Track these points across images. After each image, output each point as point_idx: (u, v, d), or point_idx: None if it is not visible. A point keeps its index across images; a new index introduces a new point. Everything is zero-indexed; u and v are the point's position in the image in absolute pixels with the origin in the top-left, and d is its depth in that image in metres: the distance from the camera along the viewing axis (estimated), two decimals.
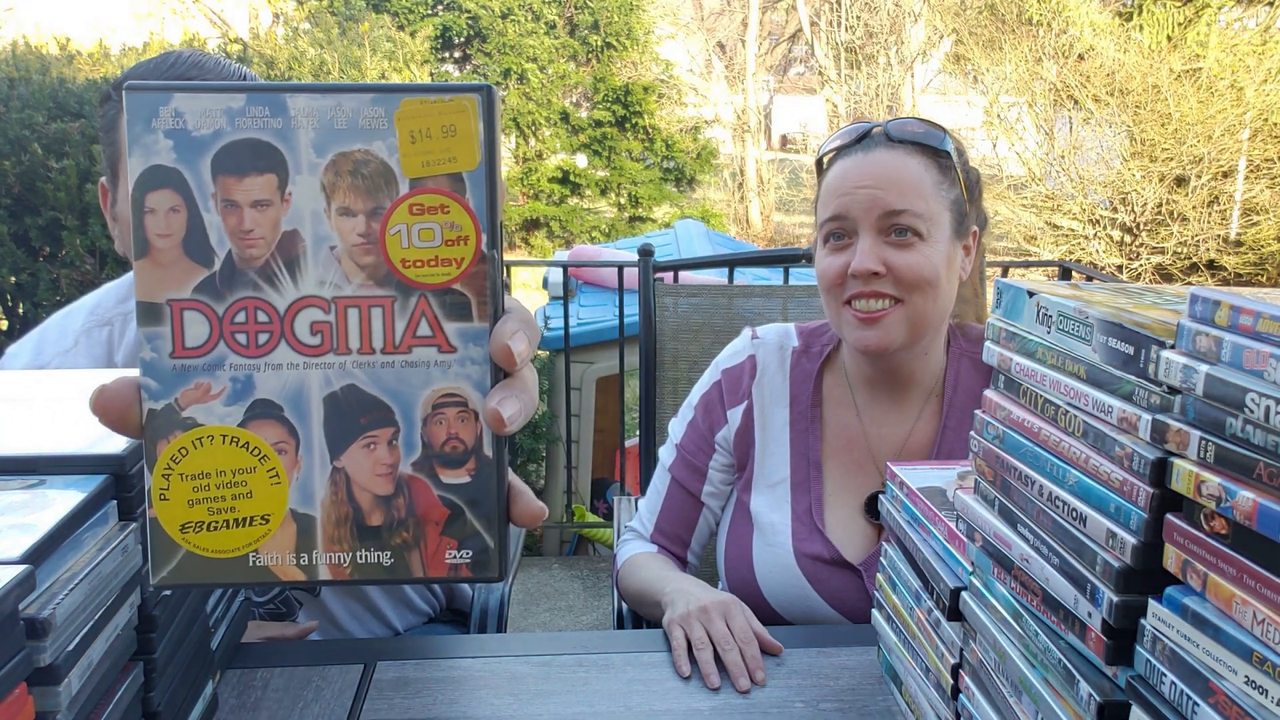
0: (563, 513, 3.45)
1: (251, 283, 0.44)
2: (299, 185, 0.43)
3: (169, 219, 0.43)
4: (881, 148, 1.04)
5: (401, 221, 0.44)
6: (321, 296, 0.44)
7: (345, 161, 0.43)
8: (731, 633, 0.88)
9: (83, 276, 2.58)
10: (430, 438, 0.45)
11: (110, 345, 1.10)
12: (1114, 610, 0.51)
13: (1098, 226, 6.73)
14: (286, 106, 0.43)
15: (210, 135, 0.43)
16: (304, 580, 0.45)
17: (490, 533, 0.45)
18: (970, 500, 0.68)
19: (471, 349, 0.44)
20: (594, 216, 9.45)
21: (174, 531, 0.44)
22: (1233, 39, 6.23)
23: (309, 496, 0.45)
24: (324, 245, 0.44)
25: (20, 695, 0.51)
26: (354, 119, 0.43)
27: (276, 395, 0.44)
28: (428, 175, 0.43)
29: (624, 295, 2.99)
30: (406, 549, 0.45)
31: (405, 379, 0.44)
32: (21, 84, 2.80)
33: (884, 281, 1.01)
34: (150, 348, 0.44)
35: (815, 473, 1.10)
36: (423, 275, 0.44)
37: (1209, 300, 0.47)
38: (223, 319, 0.44)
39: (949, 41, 9.45)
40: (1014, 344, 0.64)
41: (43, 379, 0.83)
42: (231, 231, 0.43)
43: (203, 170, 0.43)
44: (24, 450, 0.64)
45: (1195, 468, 0.46)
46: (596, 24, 9.44)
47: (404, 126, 0.43)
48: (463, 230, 0.44)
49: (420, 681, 0.85)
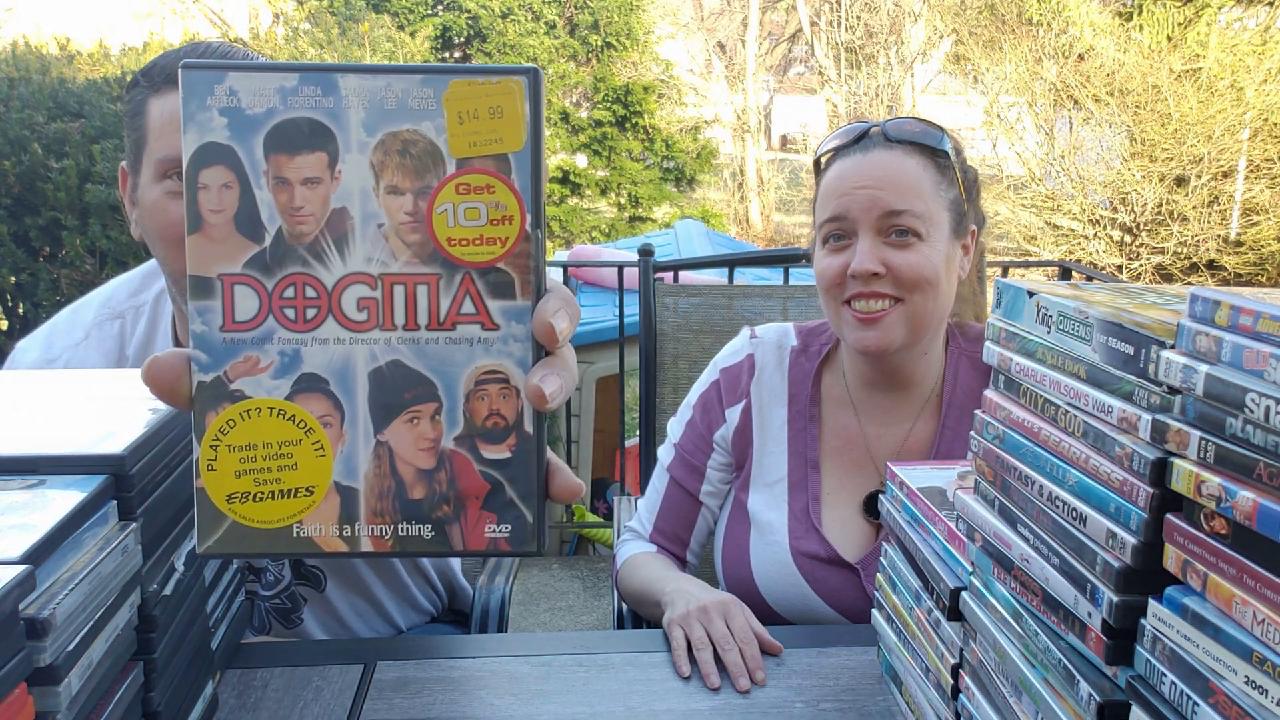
0: (563, 513, 3.45)
1: (301, 259, 0.45)
2: (349, 164, 0.44)
3: (222, 195, 0.44)
4: (880, 148, 1.03)
5: (448, 200, 0.44)
6: (369, 273, 0.45)
7: (394, 141, 0.44)
8: (731, 633, 0.88)
9: (83, 276, 2.58)
10: (472, 413, 0.45)
11: (122, 338, 1.08)
12: (1114, 610, 0.51)
13: (1098, 226, 6.73)
14: (338, 86, 0.44)
15: (264, 113, 0.44)
16: (346, 551, 0.46)
17: (529, 508, 0.46)
18: (970, 500, 0.68)
19: (514, 327, 0.45)
20: (594, 216, 9.46)
21: (220, 502, 0.45)
22: (1233, 39, 6.23)
23: (353, 469, 0.45)
24: (372, 223, 0.45)
25: (20, 695, 0.51)
26: (403, 99, 0.44)
27: (323, 369, 0.45)
28: (474, 155, 0.44)
29: (624, 295, 2.99)
30: (447, 522, 0.46)
31: (449, 355, 0.45)
32: (22, 84, 2.80)
33: (884, 282, 1.00)
34: (201, 321, 0.45)
35: (813, 472, 1.10)
36: (468, 253, 0.45)
37: (1209, 300, 0.47)
38: (272, 294, 0.45)
39: (949, 41, 9.45)
40: (1014, 344, 0.64)
41: (44, 379, 0.83)
42: (282, 208, 0.44)
43: (255, 148, 0.44)
44: (24, 450, 0.64)
45: (1195, 468, 0.46)
46: (596, 24, 9.45)
47: (452, 108, 0.44)
48: (508, 210, 0.45)
49: (420, 681, 0.85)
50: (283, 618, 1.13)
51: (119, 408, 0.72)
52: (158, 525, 0.69)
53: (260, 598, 1.11)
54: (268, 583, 1.11)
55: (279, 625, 1.13)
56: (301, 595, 1.12)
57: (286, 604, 1.12)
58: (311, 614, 1.13)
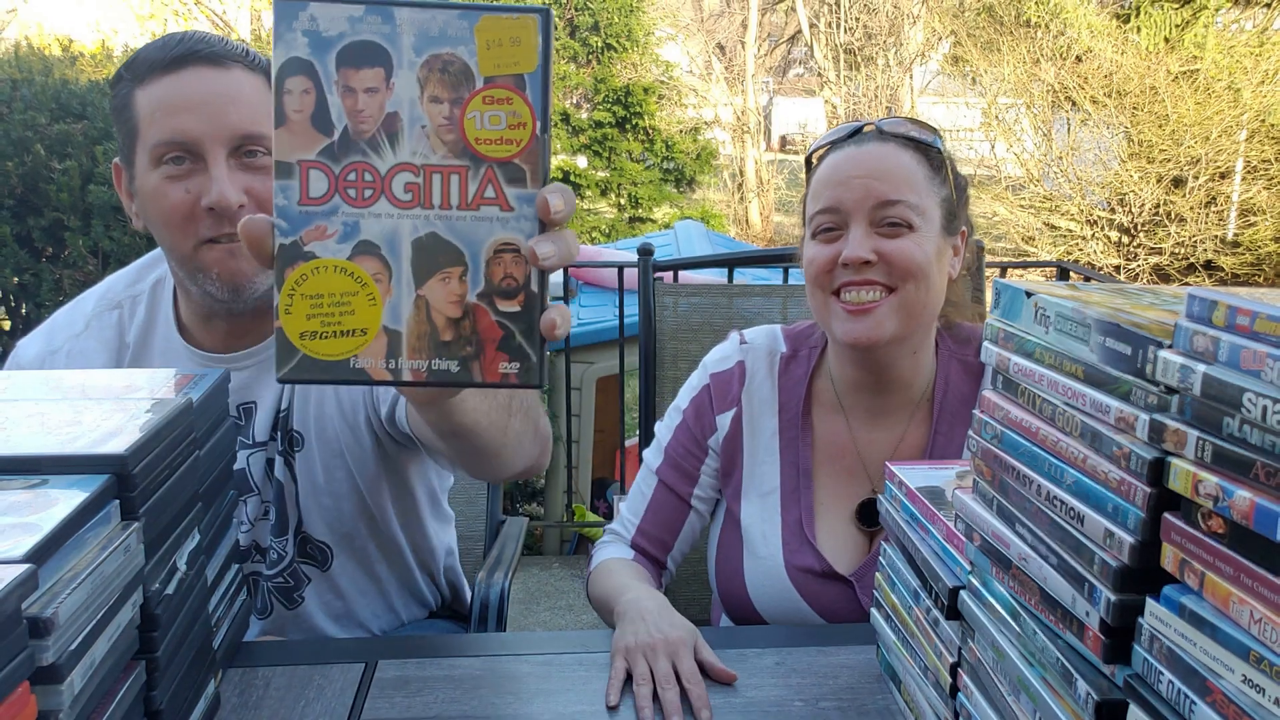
0: (563, 512, 3.45)
1: (361, 150, 0.56)
2: (400, 78, 0.56)
3: (302, 99, 0.56)
4: (874, 142, 1.03)
5: (476, 109, 0.56)
6: (413, 163, 0.56)
7: (436, 61, 0.56)
8: (677, 673, 0.84)
9: (85, 277, 2.58)
10: (491, 275, 0.57)
11: (121, 326, 1.09)
12: (1112, 609, 0.51)
13: (1095, 227, 6.74)
14: (394, 17, 0.55)
15: (336, 36, 0.55)
16: (390, 380, 0.57)
17: (533, 349, 0.58)
18: (968, 499, 0.68)
19: (525, 209, 0.57)
20: (594, 217, 9.45)
21: (295, 338, 0.56)
22: (1230, 40, 6.23)
23: (397, 316, 0.57)
24: (417, 124, 0.56)
25: (23, 694, 0.51)
26: (444, 29, 0.55)
27: (376, 237, 0.57)
28: (498, 74, 0.56)
29: (624, 295, 2.99)
30: (470, 360, 0.58)
31: (474, 230, 0.57)
32: (24, 85, 2.80)
33: (875, 270, 0.99)
34: (283, 196, 0.56)
35: (805, 482, 1.08)
36: (491, 150, 0.56)
37: (1206, 300, 0.47)
38: (338, 177, 0.56)
39: (947, 43, 9.45)
40: (1012, 344, 0.64)
41: (46, 379, 0.83)
42: (349, 111, 0.56)
43: (329, 62, 0.55)
44: (27, 450, 0.64)
45: (1193, 467, 0.47)
46: (597, 25, 9.44)
47: (481, 36, 0.55)
48: (522, 118, 0.56)
49: (421, 680, 0.85)
50: (284, 597, 1.12)
51: (121, 408, 0.72)
52: (160, 525, 0.69)
53: (263, 578, 1.12)
54: (271, 560, 1.11)
55: (280, 606, 1.12)
56: (305, 574, 1.12)
57: (289, 581, 1.11)
58: (314, 594, 1.13)
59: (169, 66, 0.95)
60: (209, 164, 0.95)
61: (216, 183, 0.94)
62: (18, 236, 2.64)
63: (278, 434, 1.08)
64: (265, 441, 1.08)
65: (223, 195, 0.94)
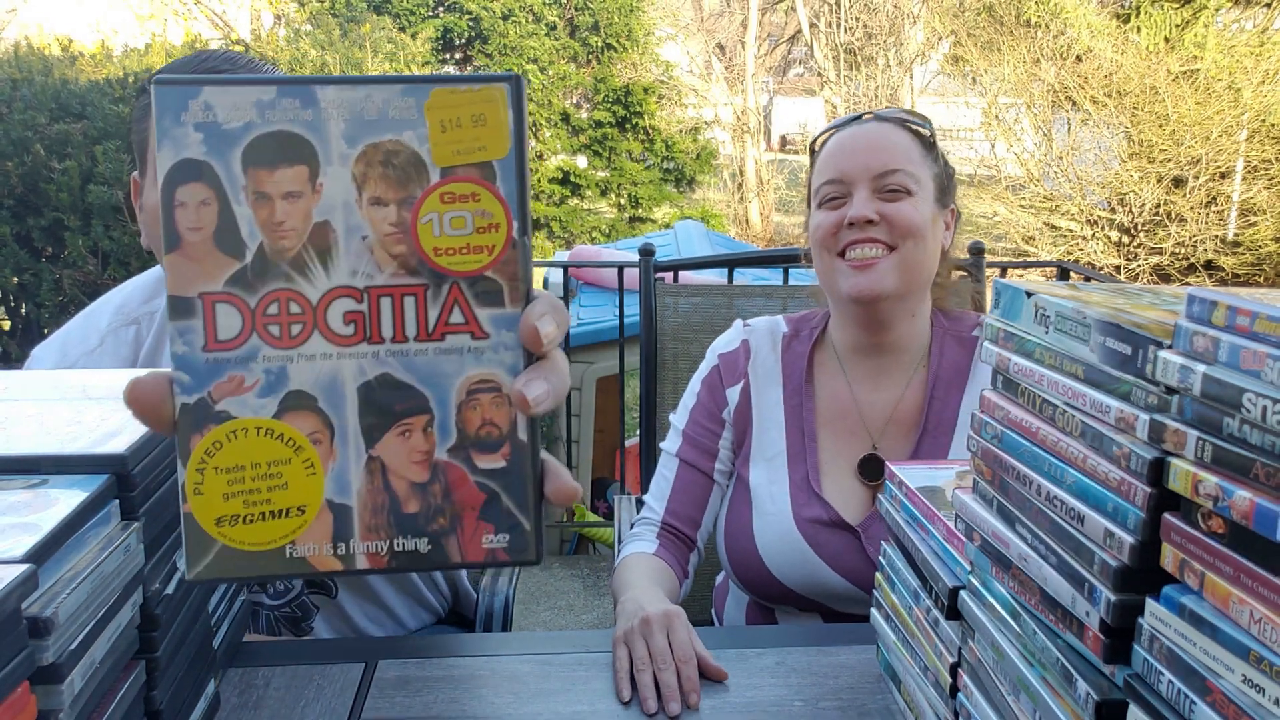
0: (563, 513, 3.45)
1: (284, 274, 0.44)
2: (330, 176, 0.44)
3: (200, 212, 0.43)
4: (872, 123, 1.14)
5: (433, 210, 0.44)
6: (354, 286, 0.44)
7: (376, 152, 0.44)
8: (671, 648, 0.86)
9: (85, 277, 2.58)
10: (465, 424, 0.45)
11: (138, 344, 1.09)
12: (1112, 609, 0.51)
13: (1095, 227, 6.74)
14: (317, 98, 0.43)
15: (240, 128, 0.43)
16: (341, 570, 0.45)
17: (526, 516, 0.46)
18: (969, 499, 0.68)
19: (504, 335, 0.45)
20: (594, 217, 9.45)
21: (209, 526, 0.44)
22: (1230, 40, 6.23)
23: (345, 486, 0.45)
24: (356, 235, 0.44)
25: (23, 694, 0.51)
26: (384, 110, 0.43)
27: (310, 386, 0.44)
28: (459, 164, 0.44)
29: (624, 295, 2.99)
30: (444, 535, 0.45)
31: (439, 366, 0.45)
32: (24, 85, 2.80)
33: (878, 229, 1.07)
34: (182, 341, 0.44)
35: (810, 443, 1.14)
36: (455, 263, 0.45)
37: (1206, 300, 0.47)
38: (255, 311, 0.44)
39: (947, 43, 9.45)
40: (1012, 344, 0.64)
41: (46, 379, 0.83)
42: (263, 224, 0.44)
43: (233, 163, 0.43)
44: (27, 450, 0.64)
45: (1193, 467, 0.47)
46: (597, 25, 9.44)
47: (434, 116, 0.44)
48: (494, 218, 0.44)
49: (421, 680, 0.85)
50: (292, 626, 1.12)
51: (121, 408, 0.72)
52: (160, 525, 0.69)
53: (265, 608, 1.11)
54: (276, 593, 1.10)
55: (288, 633, 1.12)
56: (313, 604, 1.12)
57: (296, 613, 1.12)
58: (323, 620, 1.13)
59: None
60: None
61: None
62: (17, 236, 2.64)
63: None
64: None
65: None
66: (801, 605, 1.11)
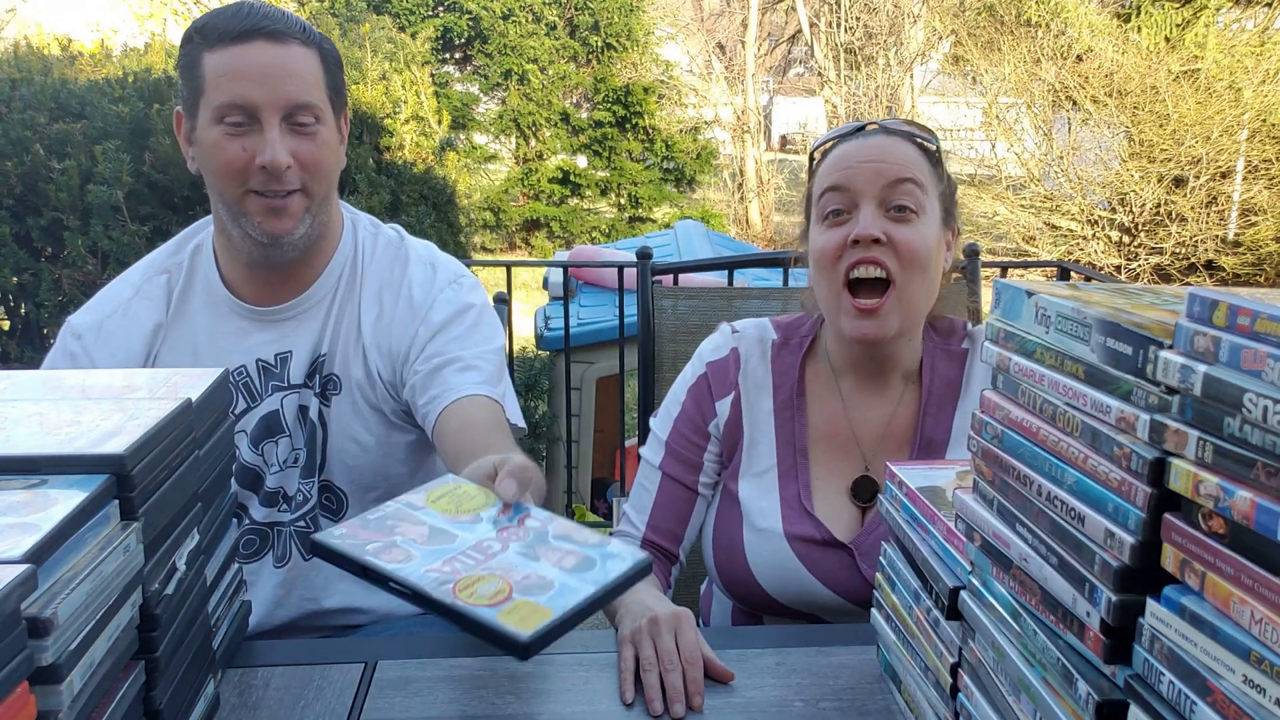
0: (563, 512, 3.45)
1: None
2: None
3: None
4: (878, 135, 1.09)
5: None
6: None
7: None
8: (679, 649, 0.85)
9: (84, 277, 2.58)
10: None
11: (169, 289, 1.17)
12: (1112, 609, 0.51)
13: (1096, 227, 6.74)
14: None
15: None
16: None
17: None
18: (969, 499, 0.68)
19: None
20: (594, 217, 9.45)
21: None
22: (1230, 40, 6.23)
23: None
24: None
25: (22, 694, 0.51)
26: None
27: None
28: None
29: (624, 295, 2.99)
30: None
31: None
32: (24, 85, 2.80)
33: (884, 250, 1.03)
34: None
35: (802, 460, 1.12)
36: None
37: (1207, 300, 0.47)
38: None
39: (948, 43, 9.45)
40: (1013, 344, 0.64)
41: (47, 379, 0.83)
42: None
43: None
44: (26, 450, 0.64)
45: (1193, 467, 0.47)
46: (597, 25, 9.45)
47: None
48: None
49: (421, 680, 0.85)
50: (303, 544, 1.18)
51: (121, 408, 0.72)
52: (159, 525, 0.69)
53: (285, 525, 1.18)
54: (296, 503, 1.18)
55: (299, 555, 1.18)
56: (323, 522, 1.18)
57: (310, 527, 1.18)
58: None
59: (236, 38, 1.06)
60: (264, 128, 1.06)
61: (270, 145, 1.06)
62: (16, 236, 2.64)
63: (315, 378, 1.16)
64: (300, 385, 1.16)
65: (275, 157, 1.06)
66: (793, 616, 1.10)
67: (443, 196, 3.51)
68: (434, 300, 1.16)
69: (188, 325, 1.16)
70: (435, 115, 3.73)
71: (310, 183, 1.09)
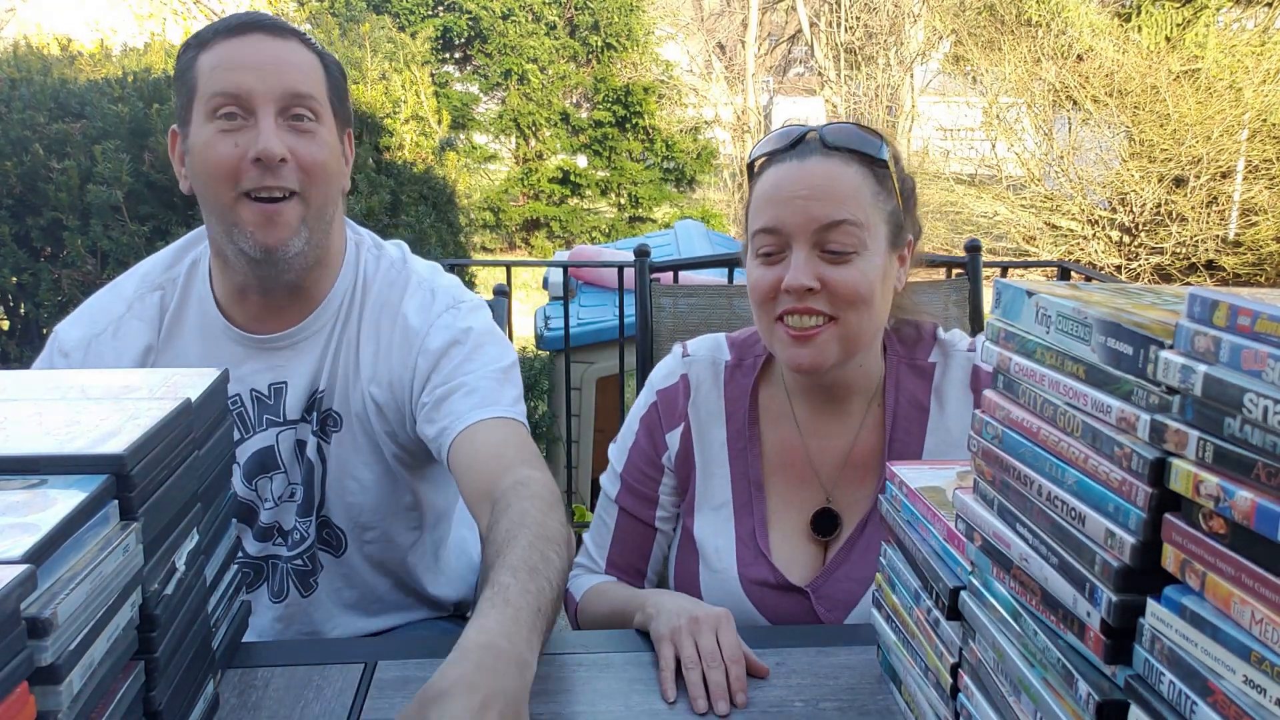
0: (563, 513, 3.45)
1: None
2: None
3: None
4: (817, 155, 0.99)
5: None
6: None
7: None
8: (720, 648, 0.85)
9: (84, 277, 2.57)
10: None
11: (162, 307, 1.13)
12: (1113, 610, 0.51)
13: (1096, 227, 6.74)
14: None
15: None
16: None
17: None
18: (969, 500, 0.68)
19: None
20: (594, 217, 9.45)
21: None
22: (1231, 40, 6.23)
23: None
24: None
25: (22, 694, 0.51)
26: None
27: None
28: None
29: (624, 295, 2.99)
30: None
31: None
32: (23, 84, 2.80)
33: (818, 298, 0.96)
34: None
35: (757, 494, 1.07)
36: None
37: (1207, 300, 0.47)
38: None
39: (948, 42, 9.44)
40: (1013, 344, 0.64)
41: (46, 378, 0.83)
42: None
43: None
44: (26, 450, 0.64)
45: (1194, 468, 0.47)
46: (597, 25, 9.44)
47: None
48: None
49: (421, 681, 0.85)
50: (301, 582, 1.15)
51: (120, 408, 0.72)
52: (159, 525, 0.69)
53: (282, 560, 1.15)
54: (293, 541, 1.14)
55: (296, 592, 1.16)
56: (321, 560, 1.16)
57: (307, 565, 1.15)
58: (327, 581, 1.16)
59: (232, 32, 1.02)
60: (259, 120, 1.00)
61: (264, 135, 0.99)
62: (16, 236, 2.64)
63: (312, 414, 1.11)
64: (296, 420, 1.11)
65: (269, 146, 0.99)
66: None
67: (443, 196, 3.50)
68: (430, 327, 1.09)
69: (179, 349, 1.11)
70: (435, 115, 3.73)
71: (307, 186, 1.01)
